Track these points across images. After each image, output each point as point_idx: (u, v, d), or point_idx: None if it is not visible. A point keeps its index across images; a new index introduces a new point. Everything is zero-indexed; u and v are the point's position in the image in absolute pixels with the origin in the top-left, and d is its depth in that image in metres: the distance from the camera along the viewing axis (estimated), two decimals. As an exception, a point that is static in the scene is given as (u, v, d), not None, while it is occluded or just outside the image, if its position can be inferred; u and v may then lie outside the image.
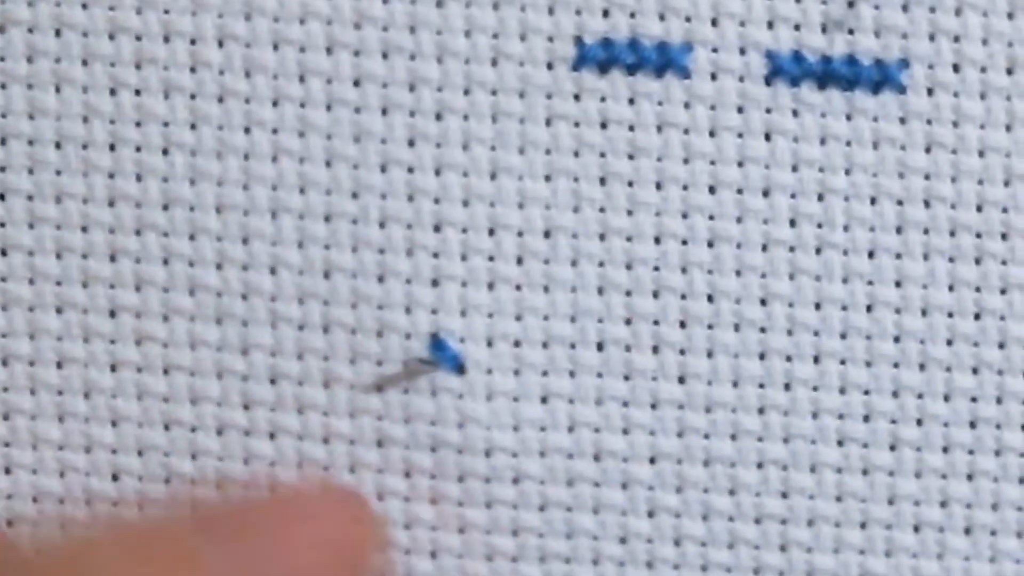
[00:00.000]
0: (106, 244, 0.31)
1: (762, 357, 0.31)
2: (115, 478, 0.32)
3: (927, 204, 0.31)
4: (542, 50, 0.31)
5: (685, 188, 0.31)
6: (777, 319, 0.31)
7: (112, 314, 0.31)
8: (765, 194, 0.31)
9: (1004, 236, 0.31)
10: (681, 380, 0.31)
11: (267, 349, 0.31)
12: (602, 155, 0.31)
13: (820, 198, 0.31)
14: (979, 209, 0.31)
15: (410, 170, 0.31)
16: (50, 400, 0.31)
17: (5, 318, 0.31)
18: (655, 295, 0.31)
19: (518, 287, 0.31)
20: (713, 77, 0.31)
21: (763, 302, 0.31)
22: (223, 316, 0.31)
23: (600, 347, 0.31)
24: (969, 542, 0.32)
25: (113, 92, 0.31)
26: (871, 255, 0.31)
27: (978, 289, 0.31)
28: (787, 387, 0.31)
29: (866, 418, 0.32)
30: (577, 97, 0.31)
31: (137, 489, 0.32)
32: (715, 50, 0.31)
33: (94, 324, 0.31)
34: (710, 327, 0.31)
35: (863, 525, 0.32)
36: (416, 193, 0.31)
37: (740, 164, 0.31)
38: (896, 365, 0.31)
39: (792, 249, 0.31)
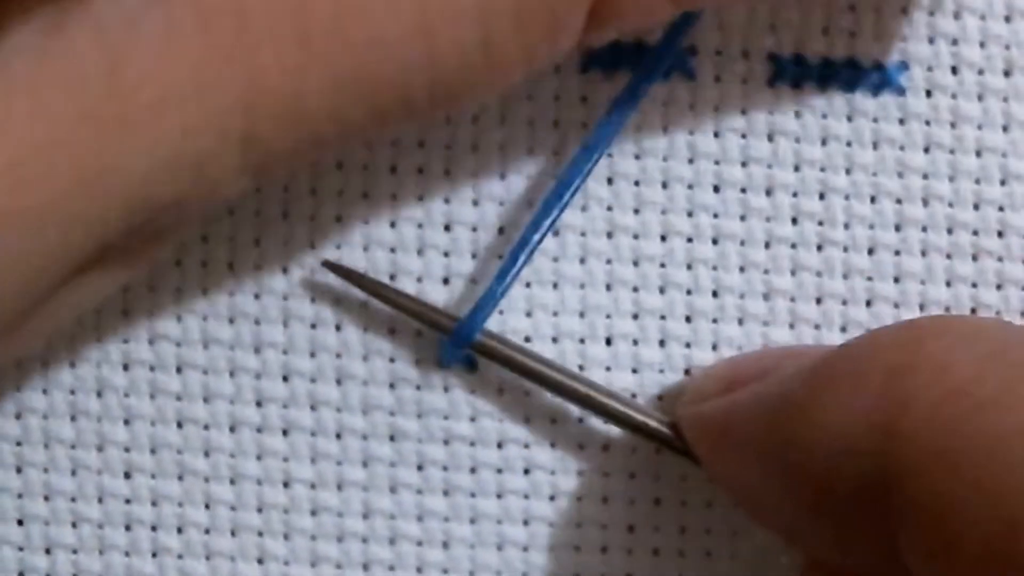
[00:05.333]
0: (118, 245, 0.32)
1: (765, 351, 0.32)
2: (127, 476, 0.32)
3: (925, 203, 0.32)
4: (550, 53, 0.32)
5: (690, 188, 0.32)
6: (779, 314, 0.32)
7: (125, 314, 0.32)
8: (768, 193, 0.32)
9: (1000, 234, 0.32)
10: (687, 373, 0.32)
11: (279, 347, 0.32)
12: (609, 155, 0.32)
13: (821, 197, 0.32)
14: (976, 208, 0.32)
15: (420, 171, 0.32)
16: (63, 399, 0.32)
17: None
18: (661, 291, 0.32)
19: (527, 284, 0.32)
20: (717, 80, 0.32)
21: (766, 297, 0.32)
22: (236, 315, 0.32)
23: (608, 342, 0.32)
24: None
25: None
26: (871, 252, 0.32)
27: (974, 285, 0.32)
28: (789, 379, 0.32)
29: (864, 409, 0.32)
30: (584, 99, 0.32)
31: (150, 487, 0.32)
32: (719, 53, 0.32)
33: (107, 323, 0.32)
34: (715, 321, 0.32)
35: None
36: (426, 194, 0.32)
37: (744, 164, 0.32)
38: (894, 358, 0.32)
39: (794, 246, 0.32)
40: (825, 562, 0.29)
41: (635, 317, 0.32)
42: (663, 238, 0.32)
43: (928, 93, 0.32)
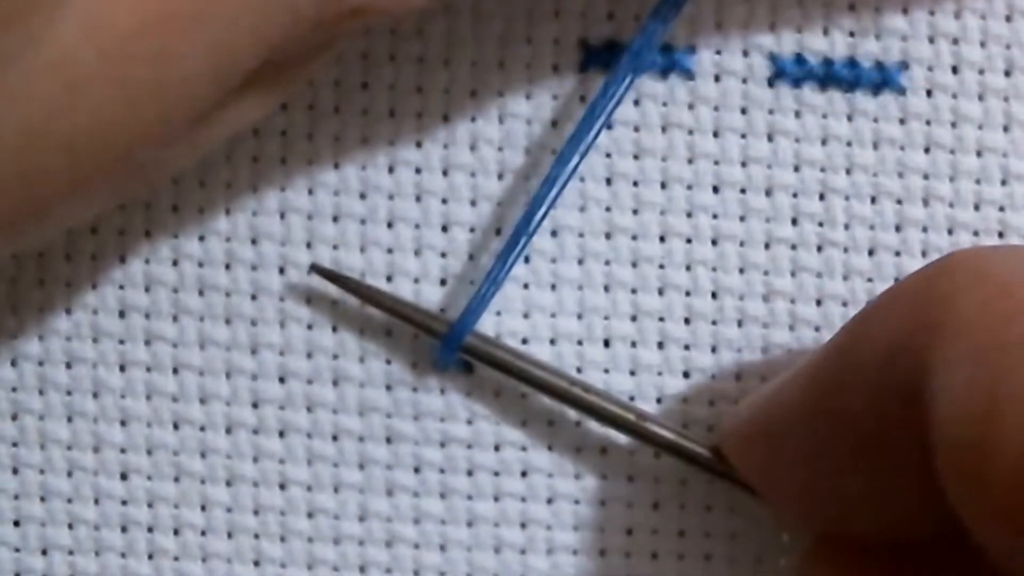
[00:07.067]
0: (115, 246, 0.32)
1: (764, 352, 0.32)
2: (124, 477, 0.32)
3: (926, 203, 0.32)
4: (548, 53, 0.32)
5: (689, 188, 0.32)
6: (779, 315, 0.32)
7: (121, 315, 0.32)
8: (768, 193, 0.32)
9: (1001, 234, 0.32)
10: (686, 375, 0.32)
11: (276, 349, 0.32)
12: (608, 155, 0.32)
13: (821, 197, 0.32)
14: (977, 208, 0.32)
15: (417, 171, 0.32)
16: (59, 400, 0.32)
17: (15, 321, 0.32)
18: (660, 292, 0.32)
19: (525, 285, 0.32)
20: (717, 79, 0.32)
21: (765, 299, 0.32)
22: (232, 316, 0.32)
23: (607, 344, 0.32)
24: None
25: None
26: (871, 253, 0.32)
27: (976, 285, 0.32)
28: (789, 382, 0.32)
29: (864, 411, 0.32)
30: (583, 99, 0.32)
31: (146, 489, 0.32)
32: (719, 52, 0.32)
33: (104, 324, 0.32)
34: (714, 323, 0.32)
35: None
36: (423, 194, 0.32)
37: (743, 164, 0.32)
38: (895, 360, 0.32)
39: (794, 247, 0.32)
40: (838, 537, 0.28)
41: (633, 319, 0.32)
42: (662, 239, 0.32)
43: (929, 93, 0.32)
